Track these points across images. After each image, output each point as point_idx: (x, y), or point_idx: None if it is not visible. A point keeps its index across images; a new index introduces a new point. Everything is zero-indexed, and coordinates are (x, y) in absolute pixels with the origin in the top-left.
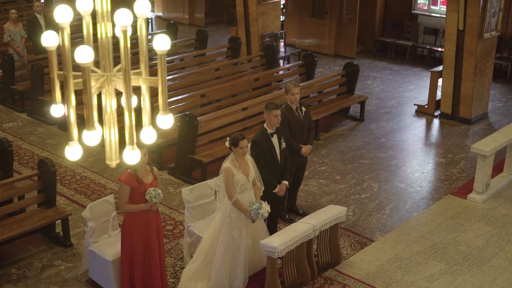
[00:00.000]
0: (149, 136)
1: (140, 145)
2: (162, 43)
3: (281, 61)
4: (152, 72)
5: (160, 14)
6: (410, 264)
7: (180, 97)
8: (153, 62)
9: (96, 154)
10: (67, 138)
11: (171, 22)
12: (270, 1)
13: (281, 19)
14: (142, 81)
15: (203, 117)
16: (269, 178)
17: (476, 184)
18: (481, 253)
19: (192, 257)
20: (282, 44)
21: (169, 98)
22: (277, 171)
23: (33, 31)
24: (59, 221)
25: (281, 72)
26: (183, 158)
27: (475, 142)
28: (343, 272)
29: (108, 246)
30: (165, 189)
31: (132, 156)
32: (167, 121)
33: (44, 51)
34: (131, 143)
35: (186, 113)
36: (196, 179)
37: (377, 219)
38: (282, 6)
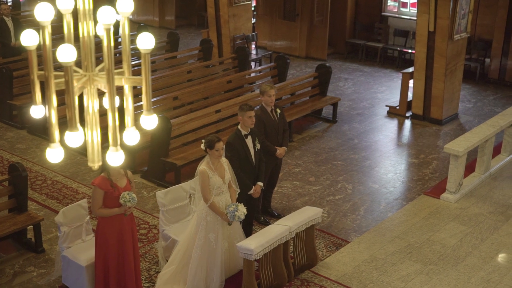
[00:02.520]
0: (132, 138)
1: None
2: (147, 42)
3: (252, 63)
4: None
5: (130, 16)
6: (386, 265)
7: (152, 100)
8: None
9: (67, 158)
10: (37, 142)
11: (142, 24)
12: (241, 3)
13: (252, 21)
14: (125, 81)
15: (176, 119)
16: (244, 180)
17: (449, 184)
18: (455, 253)
19: (167, 261)
20: (253, 46)
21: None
22: (252, 173)
23: (1, 34)
24: (31, 226)
25: (253, 74)
26: (156, 161)
27: (446, 143)
28: (319, 273)
29: (81, 251)
30: (138, 193)
31: (116, 158)
32: (151, 121)
33: (12, 54)
34: (115, 145)
35: (159, 115)
36: (169, 183)
37: (351, 220)
38: (253, 9)
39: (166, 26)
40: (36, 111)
